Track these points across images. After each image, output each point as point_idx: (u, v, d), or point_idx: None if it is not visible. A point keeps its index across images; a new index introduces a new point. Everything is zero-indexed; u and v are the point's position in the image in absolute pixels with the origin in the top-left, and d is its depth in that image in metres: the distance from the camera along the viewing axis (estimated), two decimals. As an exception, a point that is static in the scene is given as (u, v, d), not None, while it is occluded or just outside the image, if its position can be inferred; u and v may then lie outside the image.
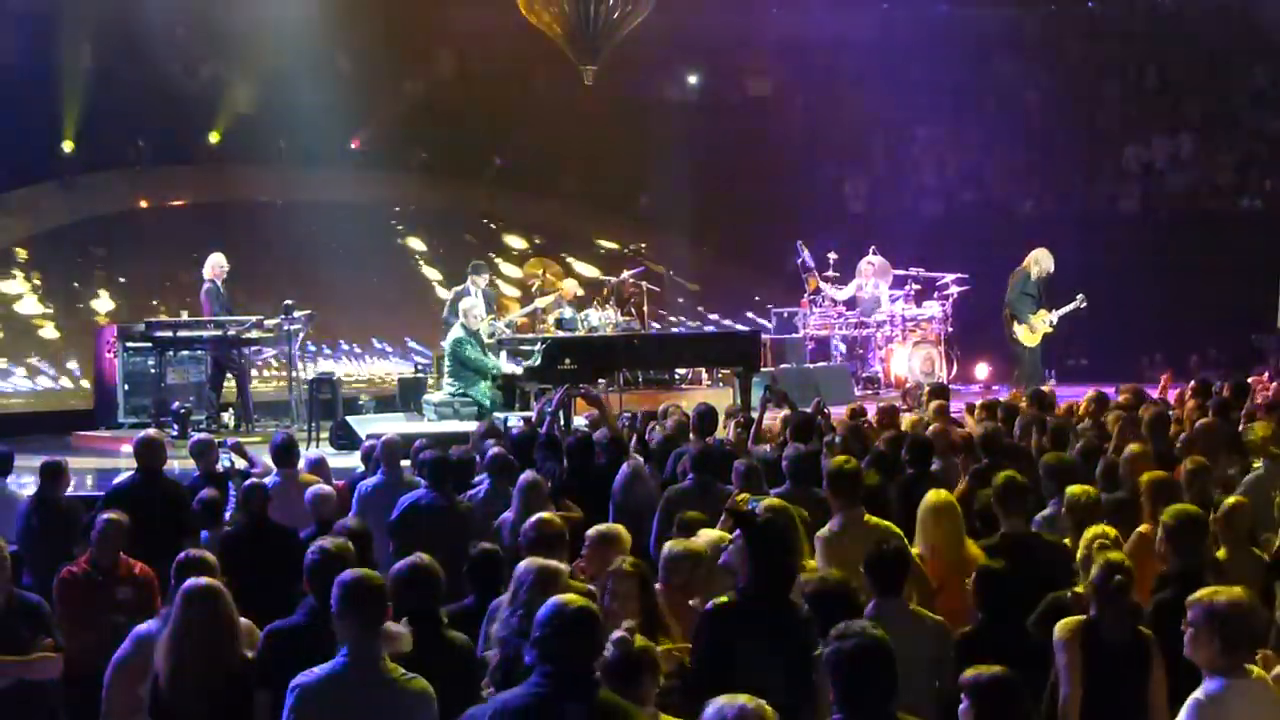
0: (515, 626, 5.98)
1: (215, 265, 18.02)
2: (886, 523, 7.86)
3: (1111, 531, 7.18)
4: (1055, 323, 19.29)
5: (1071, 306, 19.23)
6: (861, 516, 7.86)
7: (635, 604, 6.14)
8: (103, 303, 24.06)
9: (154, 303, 23.71)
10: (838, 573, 6.35)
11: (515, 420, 13.90)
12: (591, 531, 7.41)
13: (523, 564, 6.25)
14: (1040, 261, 19.32)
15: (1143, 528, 7.82)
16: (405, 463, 10.95)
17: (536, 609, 5.76)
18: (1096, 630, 6.25)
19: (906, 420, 12.79)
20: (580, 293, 20.71)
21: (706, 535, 7.31)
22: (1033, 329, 19.17)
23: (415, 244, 28.39)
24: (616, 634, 5.30)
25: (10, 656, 7.37)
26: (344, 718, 5.64)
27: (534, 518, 7.21)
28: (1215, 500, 8.07)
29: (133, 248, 25.35)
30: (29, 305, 24.17)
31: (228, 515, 9.94)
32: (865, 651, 4.99)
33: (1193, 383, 13.83)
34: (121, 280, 24.75)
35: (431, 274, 25.74)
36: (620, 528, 7.54)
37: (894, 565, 6.68)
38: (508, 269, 26.26)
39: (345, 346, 25.00)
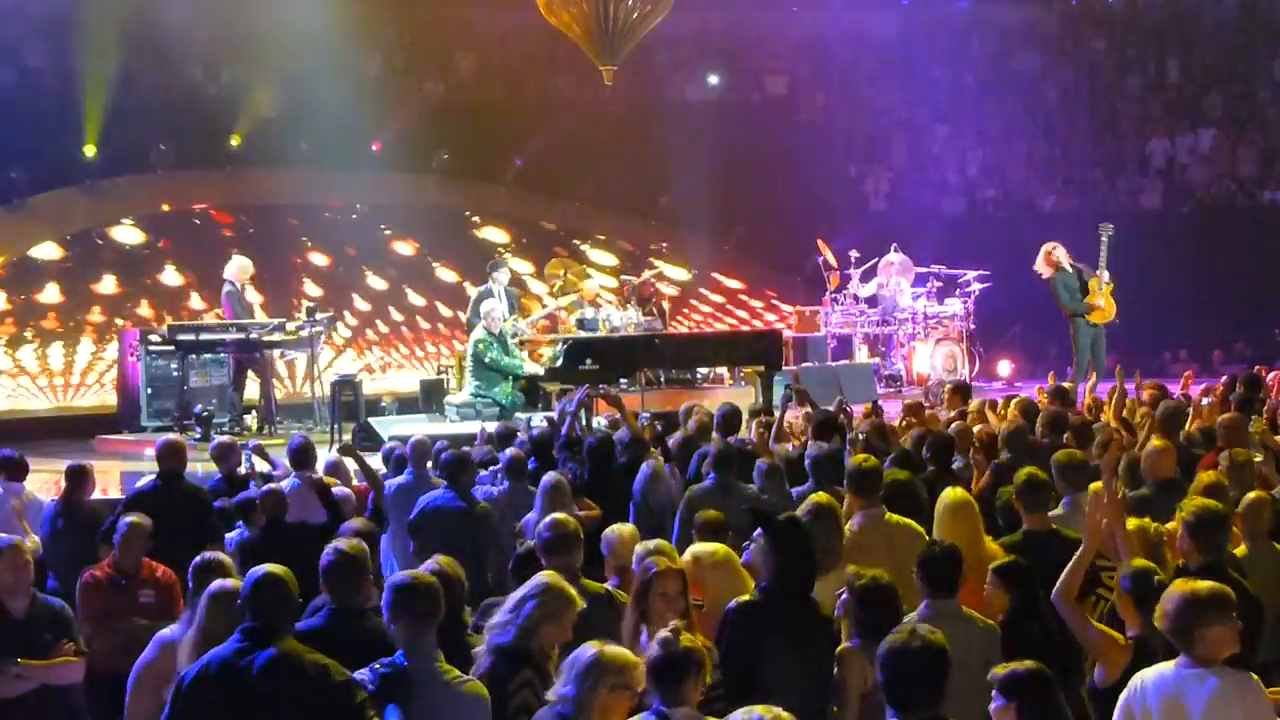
0: (511, 637, 5.92)
1: (237, 268, 18.06)
2: (908, 520, 7.84)
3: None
4: (1108, 277, 18.72)
5: (1104, 247, 18.63)
6: (883, 515, 7.86)
7: (681, 602, 6.12)
8: (125, 307, 24.10)
9: (176, 306, 23.76)
10: (885, 573, 6.30)
11: (539, 420, 13.89)
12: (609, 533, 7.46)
13: (540, 578, 6.20)
14: (1059, 259, 18.86)
15: (1172, 525, 7.76)
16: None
17: (540, 629, 5.79)
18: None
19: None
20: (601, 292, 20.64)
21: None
22: (1099, 307, 18.63)
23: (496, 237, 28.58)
24: (662, 633, 5.28)
25: (34, 661, 7.40)
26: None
27: (548, 518, 7.20)
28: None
29: (155, 251, 25.42)
30: (53, 310, 24.23)
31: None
32: (915, 650, 5.00)
33: (1224, 379, 13.81)
34: (144, 284, 24.80)
35: (522, 266, 25.58)
36: (625, 529, 7.57)
37: (948, 565, 6.65)
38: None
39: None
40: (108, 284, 24.31)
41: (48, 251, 24.64)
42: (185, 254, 24.95)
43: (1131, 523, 7.21)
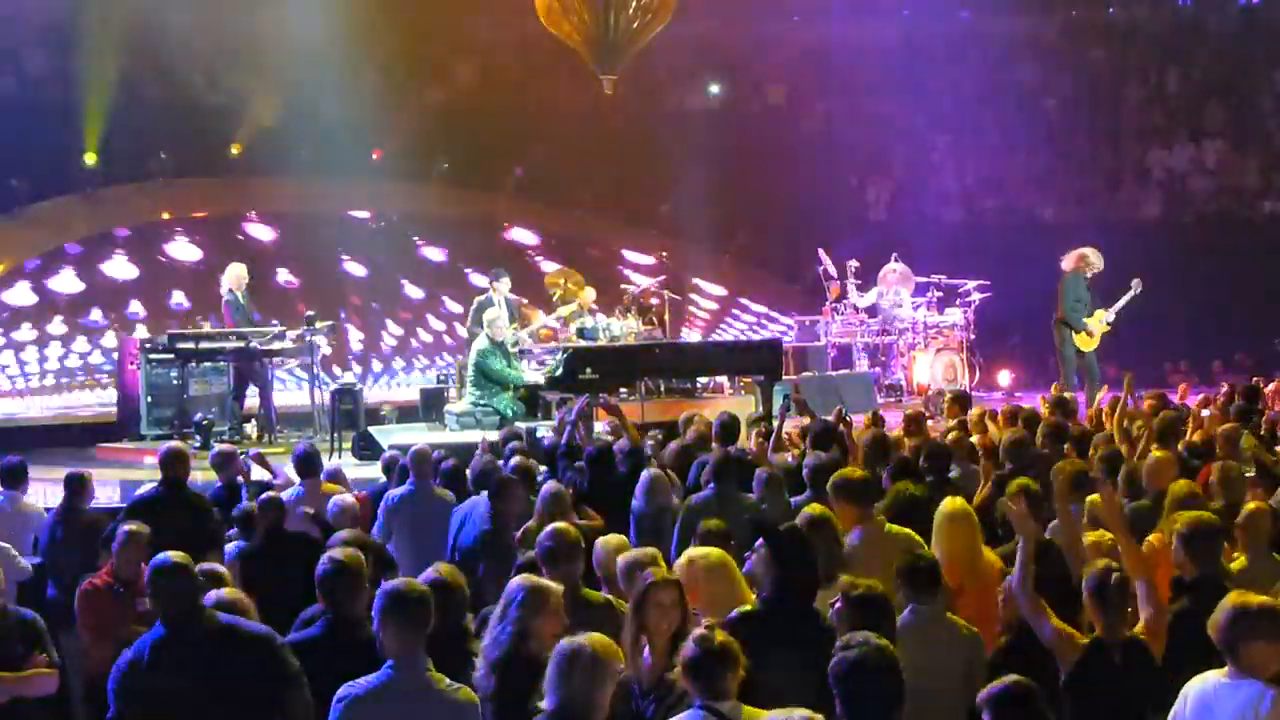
0: (505, 645, 5.93)
1: (235, 276, 18.05)
2: (907, 531, 7.84)
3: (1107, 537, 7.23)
4: (1112, 320, 18.83)
5: (1128, 297, 18.72)
6: (882, 527, 7.85)
7: (677, 612, 6.10)
8: (126, 314, 24.12)
9: (176, 314, 23.79)
10: (878, 583, 6.29)
11: (545, 431, 13.85)
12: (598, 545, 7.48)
13: (514, 581, 6.23)
14: (1091, 262, 18.89)
15: (1153, 537, 7.76)
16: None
17: (529, 627, 5.78)
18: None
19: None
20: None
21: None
22: (1090, 334, 18.74)
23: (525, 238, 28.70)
24: (698, 631, 5.31)
25: (5, 673, 7.34)
26: None
27: (549, 528, 7.17)
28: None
29: (155, 259, 25.44)
30: (53, 317, 24.26)
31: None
32: (869, 662, 4.99)
33: (1222, 389, 13.82)
34: (144, 292, 24.83)
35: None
36: (613, 540, 7.57)
37: (929, 572, 6.67)
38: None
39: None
40: (179, 298, 24.48)
41: (124, 270, 24.81)
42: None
43: (1090, 536, 7.32)
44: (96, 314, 24.33)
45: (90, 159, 24.66)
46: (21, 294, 24.35)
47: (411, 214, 28.53)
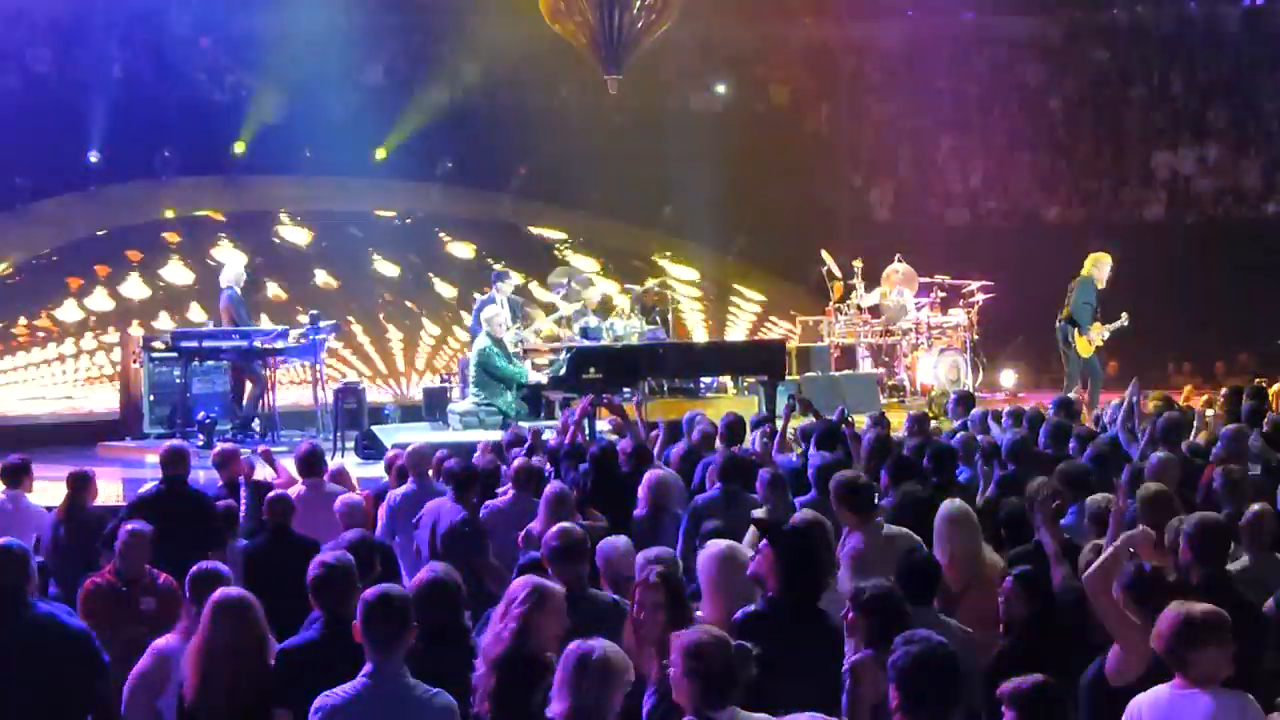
0: (506, 643, 5.91)
1: (234, 274, 18.03)
2: (906, 531, 7.82)
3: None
4: (1107, 338, 18.91)
5: (1116, 325, 18.87)
6: (881, 529, 7.82)
7: (662, 615, 6.08)
8: (129, 313, 24.10)
9: (180, 313, 23.77)
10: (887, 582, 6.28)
11: (551, 433, 13.82)
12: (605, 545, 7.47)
13: (517, 580, 6.22)
14: (1101, 267, 18.91)
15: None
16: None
17: (530, 625, 5.77)
18: None
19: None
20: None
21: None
22: (1090, 341, 18.76)
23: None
24: (686, 642, 5.22)
25: None
26: None
27: (556, 528, 7.16)
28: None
29: (158, 258, 25.44)
30: (56, 315, 24.24)
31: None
32: (931, 658, 5.00)
33: (1224, 390, 13.81)
34: (147, 291, 24.82)
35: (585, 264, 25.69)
36: (621, 540, 7.55)
37: (925, 574, 6.65)
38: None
39: None
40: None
41: (180, 276, 24.84)
42: (279, 269, 25.09)
43: None
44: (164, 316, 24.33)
45: (94, 157, 24.65)
46: (99, 300, 24.47)
47: (415, 214, 28.50)
